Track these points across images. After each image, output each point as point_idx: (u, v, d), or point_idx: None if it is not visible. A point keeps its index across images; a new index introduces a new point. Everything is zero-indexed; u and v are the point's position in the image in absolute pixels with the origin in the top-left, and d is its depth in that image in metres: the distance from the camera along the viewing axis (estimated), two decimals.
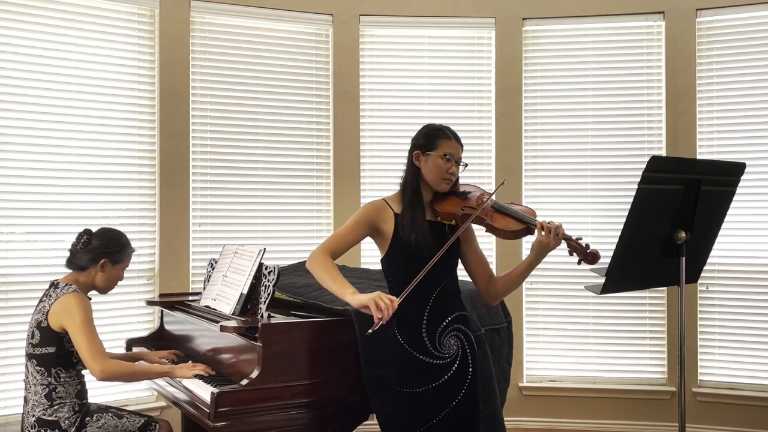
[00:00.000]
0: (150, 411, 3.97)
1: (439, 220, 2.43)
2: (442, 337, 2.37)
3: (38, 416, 2.68)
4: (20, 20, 3.89)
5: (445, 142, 2.42)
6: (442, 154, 2.40)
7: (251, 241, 4.44)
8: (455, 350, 2.38)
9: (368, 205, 2.46)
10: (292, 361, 2.52)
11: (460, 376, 2.37)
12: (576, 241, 2.34)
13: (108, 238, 2.85)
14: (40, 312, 2.72)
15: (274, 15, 4.60)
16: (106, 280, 2.84)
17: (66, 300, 2.68)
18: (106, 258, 2.80)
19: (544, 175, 4.74)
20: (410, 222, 2.35)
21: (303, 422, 2.54)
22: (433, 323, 2.36)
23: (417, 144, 2.46)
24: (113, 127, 4.18)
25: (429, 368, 2.35)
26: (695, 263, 2.49)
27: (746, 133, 4.45)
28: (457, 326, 2.39)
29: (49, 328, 2.68)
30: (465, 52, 4.83)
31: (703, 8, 4.52)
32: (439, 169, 2.40)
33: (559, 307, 4.70)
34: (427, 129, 2.49)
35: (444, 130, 2.46)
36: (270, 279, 2.75)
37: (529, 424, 4.63)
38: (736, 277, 4.44)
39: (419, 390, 2.35)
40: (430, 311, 2.36)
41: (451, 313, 2.39)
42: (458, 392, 2.36)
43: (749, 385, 4.39)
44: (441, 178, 2.41)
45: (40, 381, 2.70)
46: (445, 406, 2.34)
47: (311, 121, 4.72)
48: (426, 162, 2.42)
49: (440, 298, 2.38)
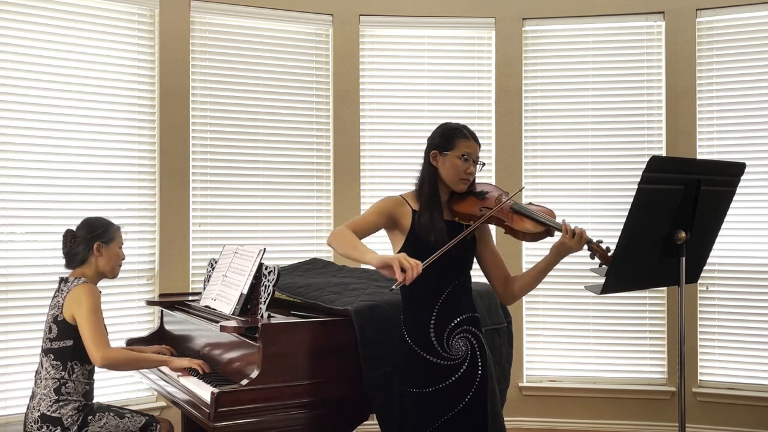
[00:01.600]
0: (150, 411, 3.96)
1: (456, 221, 2.40)
2: (451, 338, 2.34)
3: (42, 412, 2.71)
4: (20, 20, 3.89)
5: (463, 142, 2.37)
6: (460, 155, 2.36)
7: (251, 241, 4.44)
8: (464, 351, 2.35)
9: (388, 198, 2.42)
10: (292, 361, 2.52)
11: (469, 377, 2.35)
12: (598, 244, 2.34)
13: (89, 224, 2.91)
14: (55, 307, 2.79)
15: (274, 15, 4.60)
16: (107, 261, 2.89)
17: (76, 291, 2.75)
18: (97, 241, 2.86)
19: (544, 175, 4.74)
20: (428, 222, 2.32)
21: (303, 422, 2.54)
22: (440, 324, 2.34)
23: (434, 143, 2.42)
24: (113, 127, 4.18)
25: (437, 369, 2.33)
26: (695, 263, 2.49)
27: (746, 133, 4.45)
28: (467, 327, 2.36)
29: (65, 321, 2.75)
30: (465, 53, 4.83)
31: (703, 8, 4.52)
32: (457, 169, 2.37)
33: (559, 307, 4.70)
34: (444, 128, 2.44)
35: (462, 129, 2.41)
36: (270, 279, 2.75)
37: (529, 424, 4.63)
38: (736, 277, 4.43)
39: (426, 390, 2.33)
40: (438, 312, 2.34)
41: (460, 314, 2.36)
42: (466, 393, 2.34)
43: (749, 385, 4.39)
44: (459, 178, 2.38)
45: (52, 375, 2.74)
46: (452, 407, 2.32)
47: (311, 121, 4.72)
48: (443, 162, 2.38)
49: (449, 299, 2.35)
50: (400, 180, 4.21)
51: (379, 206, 2.38)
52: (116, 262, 2.94)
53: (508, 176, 4.61)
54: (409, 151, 4.68)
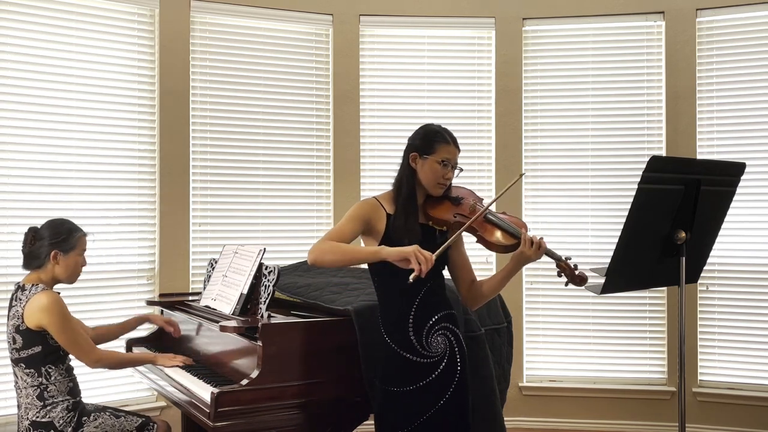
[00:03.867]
0: (150, 411, 3.97)
1: (430, 224, 2.42)
2: (429, 336, 2.36)
3: (32, 419, 2.67)
4: (20, 20, 3.89)
5: (444, 147, 2.38)
6: (439, 160, 2.37)
7: (251, 241, 4.44)
8: (443, 349, 2.37)
9: (362, 203, 2.43)
10: (292, 361, 2.52)
11: (448, 374, 2.36)
12: (565, 261, 2.35)
13: (52, 229, 2.80)
14: (14, 317, 2.70)
15: (274, 15, 4.60)
16: (64, 270, 2.79)
17: (37, 300, 2.66)
18: (55, 249, 2.76)
19: (544, 175, 4.73)
20: (403, 225, 2.34)
21: (303, 422, 2.54)
22: (419, 322, 2.35)
23: (414, 145, 2.43)
24: (113, 127, 4.18)
25: (416, 367, 2.35)
26: (695, 263, 2.49)
27: (746, 133, 4.45)
28: (445, 324, 2.38)
29: (29, 330, 2.67)
30: (465, 53, 4.83)
31: (703, 8, 4.52)
32: (436, 174, 2.38)
33: (559, 307, 4.70)
34: (425, 131, 2.45)
35: (442, 133, 2.42)
36: (270, 279, 2.75)
37: (529, 424, 4.63)
38: (736, 277, 4.43)
39: (406, 389, 2.34)
40: (416, 310, 2.35)
41: (437, 311, 2.38)
42: (446, 391, 2.35)
43: (749, 385, 4.39)
44: (437, 182, 2.40)
45: (30, 383, 2.69)
46: (432, 405, 2.33)
47: (311, 121, 4.72)
48: (422, 165, 2.39)
49: (426, 297, 2.37)
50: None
51: (355, 213, 2.38)
52: (74, 271, 2.83)
53: (508, 176, 4.60)
54: None
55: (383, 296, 2.43)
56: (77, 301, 3.81)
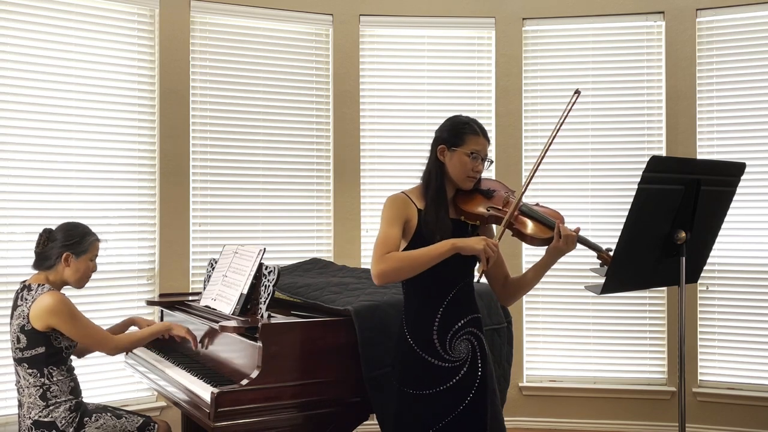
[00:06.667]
0: (150, 411, 3.97)
1: (462, 219, 2.34)
2: (454, 341, 2.29)
3: (35, 419, 2.68)
4: (20, 20, 3.89)
5: (473, 139, 2.29)
6: (469, 152, 2.28)
7: (251, 241, 4.44)
8: (465, 353, 2.31)
9: (394, 201, 2.31)
10: (292, 361, 2.52)
11: (469, 378, 2.31)
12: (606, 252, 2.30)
13: (66, 232, 2.80)
14: (20, 316, 2.69)
15: (274, 15, 4.60)
16: (74, 273, 2.80)
17: (45, 300, 2.65)
18: (68, 251, 2.76)
19: (544, 175, 4.73)
20: (434, 220, 2.25)
21: (303, 422, 2.54)
22: (444, 326, 2.29)
23: (442, 137, 2.33)
24: (113, 127, 4.18)
25: (437, 371, 2.29)
26: (695, 263, 2.49)
27: (746, 133, 4.45)
28: (470, 329, 2.32)
29: (34, 330, 2.66)
30: (465, 52, 4.83)
31: (703, 8, 4.52)
32: (465, 166, 2.29)
33: (559, 307, 4.70)
34: (453, 122, 2.34)
35: (471, 124, 2.32)
36: (270, 279, 2.75)
37: (529, 424, 4.63)
38: (736, 277, 4.43)
39: (426, 392, 2.29)
40: (442, 314, 2.29)
41: (464, 316, 2.32)
42: (467, 395, 2.30)
43: (749, 385, 4.39)
44: (466, 176, 2.31)
45: (33, 383, 2.69)
46: (453, 409, 2.29)
47: (311, 121, 4.72)
48: (451, 158, 2.30)
49: (455, 300, 2.30)
50: (401, 180, 4.22)
51: (393, 214, 2.27)
52: (84, 275, 2.83)
53: (508, 176, 4.60)
54: (410, 151, 4.69)
55: (410, 295, 2.35)
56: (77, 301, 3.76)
